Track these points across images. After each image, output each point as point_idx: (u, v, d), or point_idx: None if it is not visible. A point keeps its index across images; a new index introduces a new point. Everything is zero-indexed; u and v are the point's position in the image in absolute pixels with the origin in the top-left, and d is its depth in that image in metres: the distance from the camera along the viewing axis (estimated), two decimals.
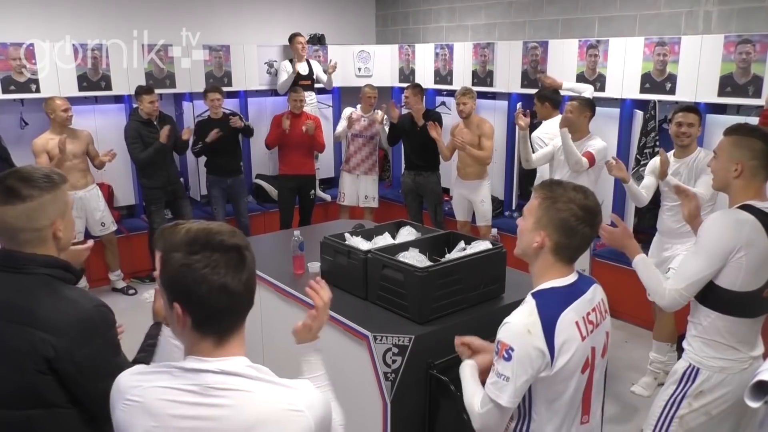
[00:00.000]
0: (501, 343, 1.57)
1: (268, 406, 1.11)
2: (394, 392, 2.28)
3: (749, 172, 2.14)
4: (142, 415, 1.11)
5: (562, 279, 1.65)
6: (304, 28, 6.60)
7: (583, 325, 1.62)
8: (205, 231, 1.13)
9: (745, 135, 2.18)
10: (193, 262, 1.09)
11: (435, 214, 5.58)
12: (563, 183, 1.68)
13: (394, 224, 3.06)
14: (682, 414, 2.24)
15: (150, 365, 1.22)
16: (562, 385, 1.60)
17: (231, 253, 1.12)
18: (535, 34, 5.80)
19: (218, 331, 1.15)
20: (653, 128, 4.67)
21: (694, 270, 2.15)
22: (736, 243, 2.08)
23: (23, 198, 1.53)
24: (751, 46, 4.02)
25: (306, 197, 5.89)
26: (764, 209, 2.14)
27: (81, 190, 5.01)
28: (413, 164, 5.56)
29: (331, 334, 2.58)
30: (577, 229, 1.60)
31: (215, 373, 1.11)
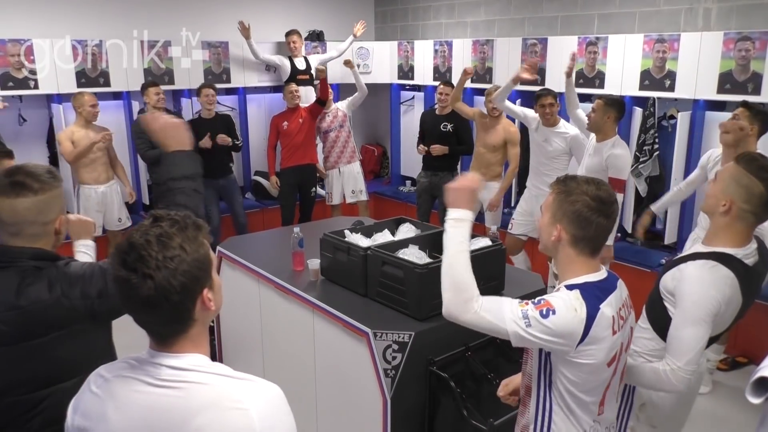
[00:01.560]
0: (546, 301, 1.61)
1: (216, 394, 1.13)
2: (394, 389, 2.29)
3: (737, 213, 1.95)
4: (107, 399, 1.17)
5: (594, 274, 1.68)
6: (303, 25, 6.59)
7: (617, 320, 1.65)
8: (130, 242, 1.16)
9: (752, 173, 1.93)
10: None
11: (445, 215, 5.51)
12: (577, 177, 1.71)
13: (393, 221, 3.06)
14: (632, 425, 2.28)
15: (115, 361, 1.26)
16: (587, 376, 1.64)
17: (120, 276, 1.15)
18: (535, 31, 5.79)
19: (157, 333, 1.18)
20: (652, 125, 4.67)
21: (694, 340, 1.90)
22: (719, 303, 1.92)
23: (35, 191, 1.57)
24: (751, 43, 4.02)
25: (307, 194, 5.87)
26: (744, 259, 1.97)
27: (103, 184, 5.05)
28: (431, 164, 5.43)
29: (331, 330, 2.59)
30: (591, 219, 1.63)
31: (168, 367, 1.15)
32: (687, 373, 1.89)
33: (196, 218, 1.19)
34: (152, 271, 1.09)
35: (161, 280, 1.09)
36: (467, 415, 2.17)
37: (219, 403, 1.12)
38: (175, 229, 1.13)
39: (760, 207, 1.93)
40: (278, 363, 3.10)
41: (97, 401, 1.18)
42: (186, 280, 1.11)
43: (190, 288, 1.13)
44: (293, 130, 5.63)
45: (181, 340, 1.17)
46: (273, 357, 3.16)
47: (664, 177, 4.76)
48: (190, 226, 1.16)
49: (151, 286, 1.09)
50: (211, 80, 5.94)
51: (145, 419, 1.13)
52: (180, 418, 1.11)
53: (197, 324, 1.18)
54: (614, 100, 4.03)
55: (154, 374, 1.15)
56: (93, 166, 4.96)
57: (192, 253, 1.13)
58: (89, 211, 4.99)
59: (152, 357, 1.17)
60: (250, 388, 1.15)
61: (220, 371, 1.17)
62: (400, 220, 3.07)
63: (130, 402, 1.15)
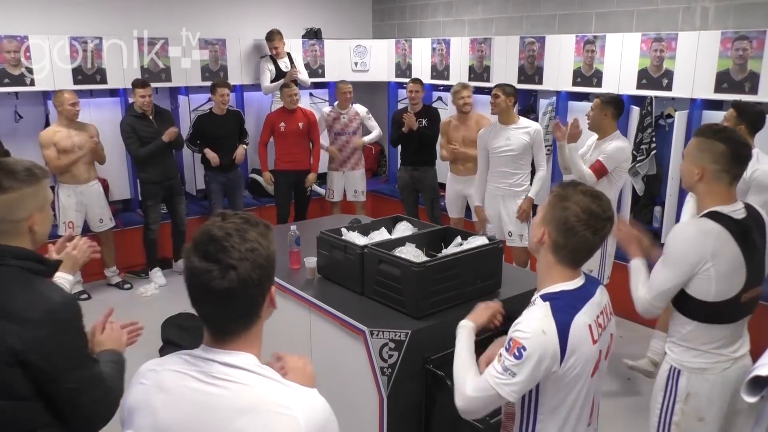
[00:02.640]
0: (514, 340, 1.56)
1: (263, 398, 1.13)
2: (391, 387, 2.28)
3: (711, 176, 2.08)
4: (156, 391, 1.18)
5: (570, 282, 1.64)
6: (300, 22, 6.58)
7: (595, 329, 1.61)
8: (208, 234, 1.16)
9: (709, 137, 2.10)
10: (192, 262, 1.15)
11: (432, 209, 5.58)
12: (580, 185, 1.66)
13: (390, 219, 3.06)
14: (677, 420, 2.23)
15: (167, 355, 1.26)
16: (573, 389, 1.60)
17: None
18: (532, 30, 5.79)
19: (221, 327, 1.19)
20: (649, 124, 4.68)
21: (661, 281, 2.14)
22: (702, 255, 2.04)
23: (4, 189, 1.55)
24: (748, 42, 4.02)
25: (302, 193, 5.88)
26: (731, 215, 2.08)
27: (83, 184, 5.01)
28: (410, 159, 5.55)
29: (328, 328, 2.58)
30: (576, 231, 1.58)
31: (220, 363, 1.16)
32: (652, 306, 2.17)
33: (261, 219, 1.23)
34: (236, 262, 1.11)
35: (243, 272, 1.12)
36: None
37: (267, 406, 1.13)
38: (248, 225, 1.17)
39: (728, 163, 2.06)
40: None
41: (146, 393, 1.19)
42: (262, 274, 1.15)
43: (264, 282, 1.17)
44: (291, 133, 5.60)
45: (242, 336, 1.18)
46: (270, 355, 3.15)
47: (661, 176, 4.76)
48: (260, 224, 1.20)
49: (233, 277, 1.11)
50: (209, 77, 5.93)
51: (191, 414, 1.14)
52: (225, 417, 1.12)
53: (260, 322, 1.21)
54: (611, 97, 4.03)
55: (206, 370, 1.16)
56: (75, 167, 4.92)
57: (266, 248, 1.17)
58: (68, 209, 4.97)
59: (206, 353, 1.18)
60: (299, 395, 1.16)
61: (270, 374, 1.18)
62: (397, 218, 3.06)
63: (179, 396, 1.16)
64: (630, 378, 3.95)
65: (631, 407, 3.65)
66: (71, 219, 5.00)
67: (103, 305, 4.75)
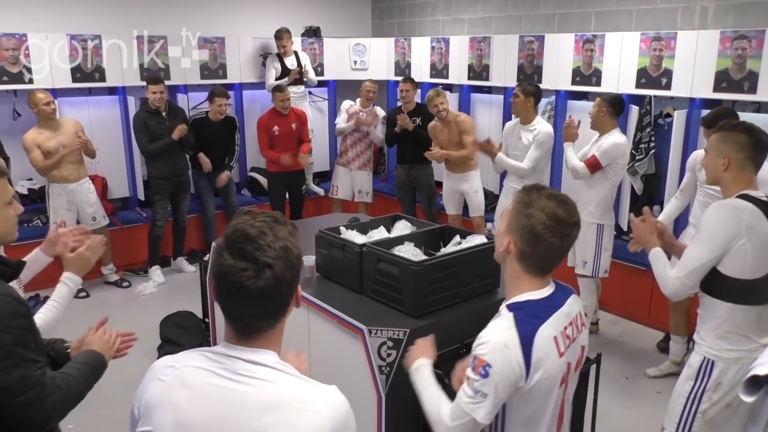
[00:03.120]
0: (478, 358, 1.50)
1: (288, 394, 1.14)
2: (389, 385, 2.28)
3: (736, 164, 2.20)
4: (178, 388, 1.16)
5: (537, 291, 1.57)
6: (299, 21, 6.57)
7: (561, 341, 1.55)
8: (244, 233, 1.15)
9: (731, 130, 2.24)
10: (224, 259, 1.14)
11: (429, 207, 5.59)
12: (543, 188, 1.58)
13: (389, 218, 3.06)
14: (705, 408, 2.27)
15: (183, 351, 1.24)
16: (539, 403, 1.55)
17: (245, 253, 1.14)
18: (532, 29, 5.79)
19: (247, 325, 1.18)
20: (648, 123, 4.68)
21: (695, 257, 2.19)
22: (737, 230, 2.12)
23: None
24: (747, 41, 4.02)
25: (297, 192, 5.86)
26: (760, 197, 2.18)
27: (73, 183, 4.98)
28: (406, 158, 5.57)
29: (326, 327, 2.58)
30: (543, 238, 1.51)
31: (244, 361, 1.16)
32: (683, 285, 2.20)
33: (287, 219, 1.22)
34: (271, 261, 1.11)
35: (278, 271, 1.11)
36: None
37: (291, 402, 1.13)
38: (278, 224, 1.16)
39: (752, 150, 2.18)
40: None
41: (167, 389, 1.17)
42: (294, 274, 1.15)
43: (294, 281, 1.16)
44: (284, 136, 5.57)
45: (266, 334, 1.19)
46: None
47: (660, 175, 4.76)
48: (288, 223, 1.19)
49: (269, 276, 1.11)
50: (207, 75, 5.92)
51: (217, 410, 1.14)
52: (251, 413, 1.12)
53: (284, 320, 1.21)
54: (610, 96, 4.10)
55: (231, 367, 1.16)
56: (62, 165, 4.89)
57: (296, 247, 1.16)
58: (59, 209, 4.94)
59: (229, 350, 1.18)
60: (322, 392, 1.17)
61: (292, 372, 1.19)
62: (396, 217, 3.06)
63: (203, 393, 1.15)
64: (628, 377, 3.95)
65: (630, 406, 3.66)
66: (62, 218, 4.95)
67: (101, 303, 4.80)
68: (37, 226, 5.35)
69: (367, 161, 6.02)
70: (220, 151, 5.56)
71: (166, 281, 5.46)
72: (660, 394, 3.71)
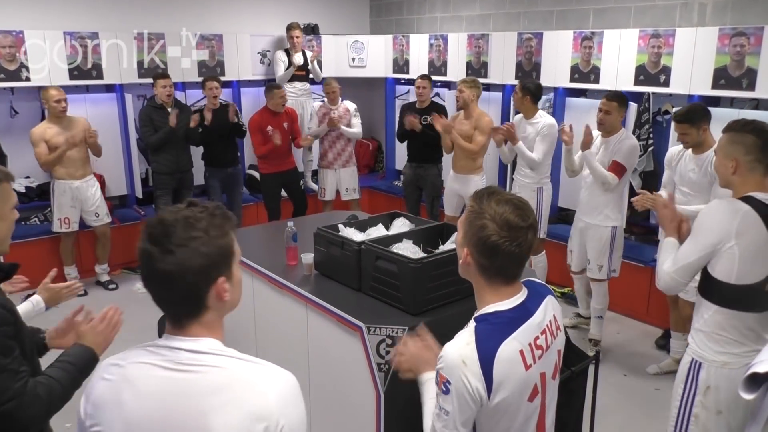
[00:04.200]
0: (439, 374, 1.45)
1: (232, 376, 1.16)
2: (388, 383, 2.28)
3: (745, 167, 2.16)
4: (124, 385, 1.18)
5: (505, 302, 1.50)
6: (297, 18, 6.56)
7: (528, 353, 1.47)
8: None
9: (739, 131, 2.20)
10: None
11: (431, 207, 5.57)
12: (494, 193, 1.49)
13: (387, 215, 3.05)
14: (697, 413, 2.24)
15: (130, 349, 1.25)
16: (508, 419, 1.48)
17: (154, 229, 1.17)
18: (530, 26, 5.78)
19: (172, 313, 1.21)
20: (647, 120, 4.68)
21: (684, 254, 2.19)
22: (726, 232, 2.09)
23: None
24: (746, 38, 4.02)
25: (296, 189, 5.83)
26: (765, 201, 2.13)
27: (78, 180, 5.01)
28: (415, 156, 5.52)
29: (325, 325, 2.58)
30: (499, 249, 1.43)
31: (186, 351, 1.18)
32: (672, 279, 2.21)
33: (227, 212, 1.23)
34: (174, 247, 1.13)
35: (180, 257, 1.13)
36: None
37: (236, 385, 1.15)
38: (204, 215, 1.18)
39: (761, 152, 2.14)
40: (272, 357, 3.08)
41: (112, 387, 1.19)
42: (204, 263, 1.15)
43: (206, 272, 1.17)
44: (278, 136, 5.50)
45: (194, 324, 1.20)
46: (266, 351, 3.15)
47: (659, 172, 4.75)
48: (218, 215, 1.20)
49: (170, 261, 1.13)
50: (205, 73, 5.92)
51: (162, 403, 1.15)
52: (197, 401, 1.13)
53: (210, 312, 1.21)
54: (616, 93, 4.10)
55: (173, 358, 1.17)
56: (68, 161, 4.91)
57: (215, 238, 1.17)
58: (63, 206, 4.97)
59: (169, 341, 1.20)
60: (267, 372, 1.19)
61: (237, 355, 1.20)
62: (395, 214, 3.06)
63: (148, 387, 1.17)
64: (626, 374, 3.96)
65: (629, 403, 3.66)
66: (66, 215, 5.00)
67: (99, 302, 4.79)
68: (35, 224, 5.34)
69: (349, 157, 5.99)
70: (223, 138, 5.52)
71: None
72: (659, 391, 3.71)
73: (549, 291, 1.64)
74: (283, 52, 6.19)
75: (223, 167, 5.59)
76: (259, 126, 5.47)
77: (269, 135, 5.39)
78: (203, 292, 1.18)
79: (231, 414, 1.12)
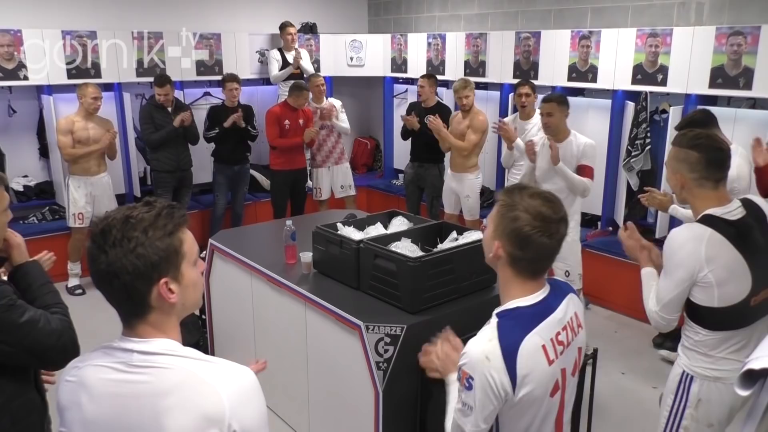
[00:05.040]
0: (462, 370, 1.47)
1: (185, 376, 1.16)
2: (386, 381, 2.29)
3: (691, 184, 2.08)
4: (80, 390, 1.19)
5: (528, 297, 1.52)
6: (295, 17, 6.56)
7: (550, 348, 1.50)
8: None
9: (683, 146, 2.09)
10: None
11: (432, 207, 5.58)
12: (525, 188, 1.53)
13: (386, 214, 3.06)
14: (686, 425, 2.20)
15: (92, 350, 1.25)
16: (530, 414, 1.51)
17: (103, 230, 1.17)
18: (528, 25, 5.79)
19: (121, 313, 1.21)
20: (644, 119, 4.69)
21: (664, 291, 2.12)
22: (697, 262, 2.02)
23: None
24: (743, 38, 4.03)
25: (300, 189, 5.83)
26: (725, 216, 2.05)
27: (93, 176, 5.06)
28: (417, 155, 5.52)
29: (324, 323, 2.59)
30: (532, 239, 1.46)
31: (138, 352, 1.18)
32: (662, 319, 2.14)
33: (178, 211, 1.20)
34: (108, 247, 1.13)
35: (113, 257, 1.13)
36: None
37: (188, 384, 1.14)
38: (148, 215, 1.16)
39: (705, 170, 2.05)
40: (270, 356, 3.09)
41: (72, 389, 1.21)
42: (139, 264, 1.13)
43: (143, 272, 1.14)
44: (292, 131, 5.52)
45: (141, 324, 1.19)
46: (265, 350, 3.15)
47: (656, 171, 4.77)
48: (163, 216, 1.17)
49: (103, 260, 1.13)
50: (203, 71, 5.92)
51: (116, 405, 1.16)
52: (150, 402, 1.14)
53: (156, 312, 1.19)
54: (559, 95, 3.93)
55: (126, 360, 1.18)
56: (86, 158, 4.97)
57: (154, 239, 1.14)
58: (78, 201, 5.01)
59: (123, 342, 1.20)
60: (219, 370, 1.18)
61: (191, 354, 1.19)
62: (393, 213, 3.07)
63: (102, 389, 1.18)
64: (624, 372, 3.97)
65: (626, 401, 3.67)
66: (81, 210, 5.04)
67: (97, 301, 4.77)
68: (32, 224, 5.33)
69: (341, 154, 5.97)
70: (237, 138, 5.57)
71: None
72: (656, 389, 3.72)
73: (571, 289, 1.65)
74: (277, 51, 6.18)
75: (232, 165, 5.64)
76: (278, 118, 5.49)
77: (286, 129, 5.44)
78: (144, 292, 1.16)
79: (184, 416, 1.12)
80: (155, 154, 5.37)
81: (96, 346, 1.24)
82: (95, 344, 1.22)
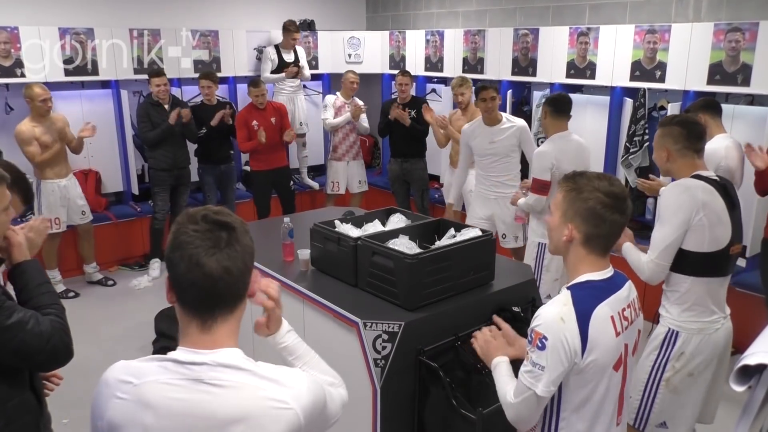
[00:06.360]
0: (535, 332, 1.55)
1: (256, 398, 1.14)
2: (384, 378, 2.29)
3: (676, 155, 2.43)
4: (142, 409, 1.13)
5: (598, 273, 1.63)
6: (294, 14, 6.54)
7: (618, 321, 1.59)
8: (208, 209, 1.19)
9: (666, 125, 2.47)
10: (182, 229, 1.15)
11: (422, 201, 5.61)
12: (586, 173, 1.66)
13: (384, 211, 3.06)
14: (668, 377, 2.43)
15: (140, 359, 1.20)
16: (596, 384, 1.57)
17: (220, 231, 1.15)
18: (526, 21, 5.78)
19: (199, 312, 1.17)
20: (643, 116, 4.69)
21: (661, 238, 2.36)
22: (693, 205, 2.30)
23: None
24: (741, 34, 4.03)
25: (285, 188, 5.80)
26: (711, 176, 2.40)
27: (64, 178, 4.97)
28: (400, 151, 5.59)
29: (321, 320, 2.59)
30: (606, 217, 1.58)
31: (209, 365, 1.14)
32: (657, 266, 2.38)
33: None
34: (239, 235, 1.18)
35: (241, 248, 1.17)
36: (456, 404, 2.18)
37: (261, 405, 1.14)
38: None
39: (686, 140, 2.41)
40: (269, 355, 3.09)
41: (129, 409, 1.13)
42: (249, 263, 1.21)
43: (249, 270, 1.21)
44: (270, 131, 5.45)
45: (225, 325, 1.19)
46: (264, 349, 3.15)
47: (654, 168, 4.77)
48: None
49: (242, 248, 1.18)
50: (201, 69, 5.91)
51: (184, 426, 1.12)
52: (220, 423, 1.12)
53: (238, 313, 1.23)
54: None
55: (193, 376, 1.13)
56: (56, 160, 4.87)
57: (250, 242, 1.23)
58: (53, 206, 4.89)
59: (188, 355, 1.15)
60: (287, 385, 1.18)
61: (259, 371, 1.17)
62: (391, 210, 3.06)
63: (168, 410, 1.12)
64: None
65: None
66: (57, 215, 4.91)
67: (95, 300, 4.78)
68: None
69: (358, 151, 6.06)
70: (219, 136, 5.53)
71: (161, 275, 5.46)
72: None
73: (628, 278, 1.75)
74: (273, 49, 6.13)
75: (217, 164, 5.59)
76: (244, 121, 5.43)
77: (255, 131, 5.38)
78: (243, 292, 1.23)
79: None
80: (153, 152, 5.34)
81: (109, 350, 1.22)
82: (95, 345, 1.21)
